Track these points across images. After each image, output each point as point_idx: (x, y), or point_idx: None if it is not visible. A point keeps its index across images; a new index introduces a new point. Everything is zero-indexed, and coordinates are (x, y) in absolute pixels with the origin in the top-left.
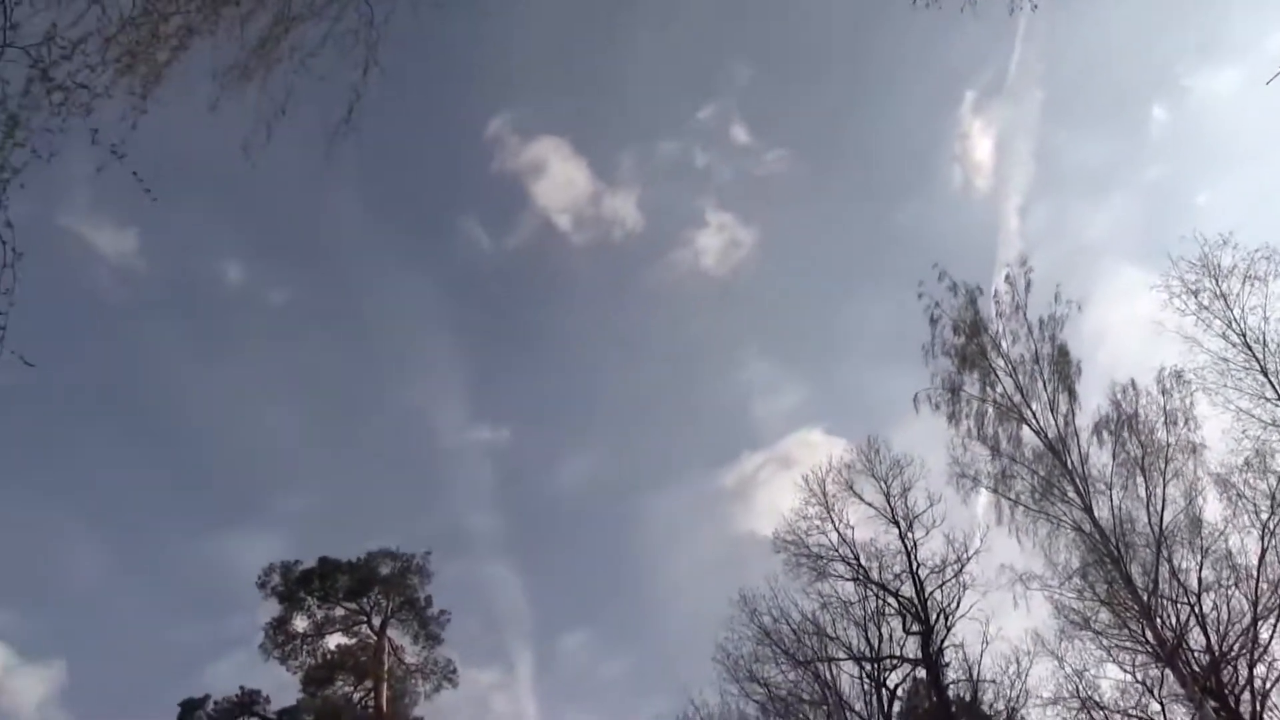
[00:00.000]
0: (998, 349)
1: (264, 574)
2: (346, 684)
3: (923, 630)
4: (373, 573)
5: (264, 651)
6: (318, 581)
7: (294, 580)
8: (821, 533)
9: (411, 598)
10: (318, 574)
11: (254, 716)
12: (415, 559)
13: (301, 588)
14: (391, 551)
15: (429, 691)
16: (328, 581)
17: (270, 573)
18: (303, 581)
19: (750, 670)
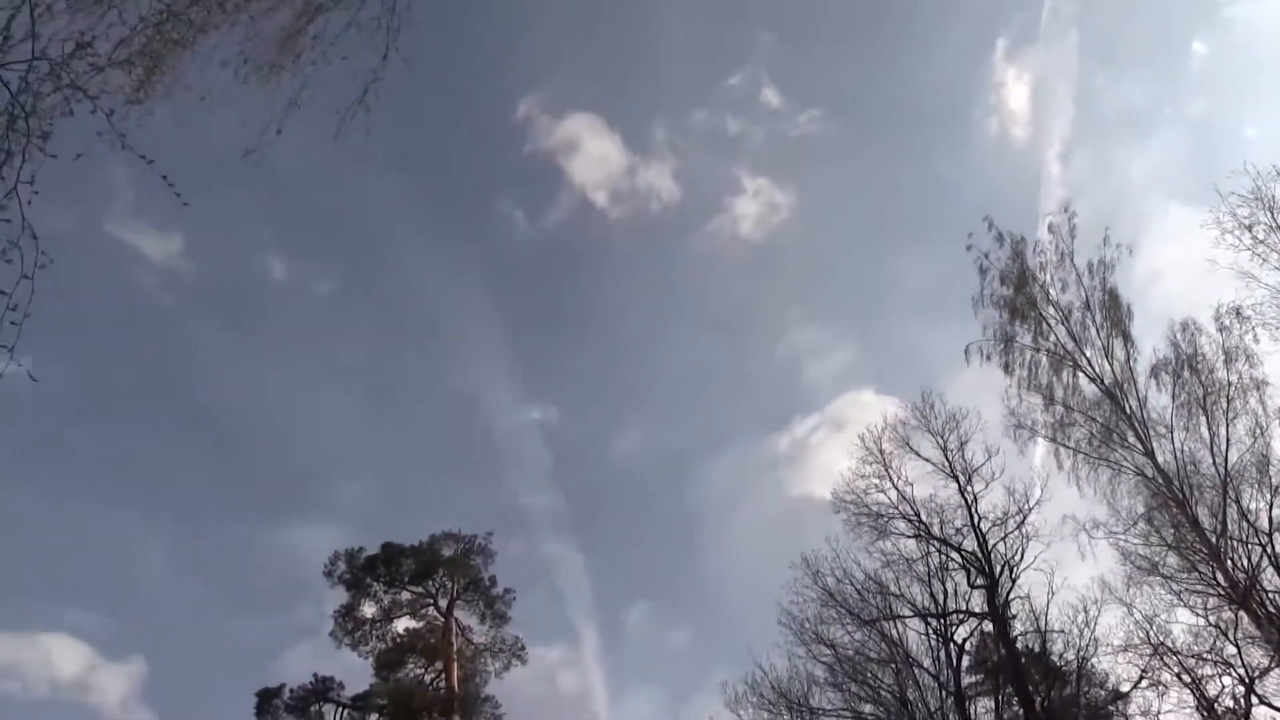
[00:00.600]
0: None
1: (330, 562)
2: (417, 666)
3: (987, 584)
4: (436, 555)
5: (334, 639)
6: (383, 567)
7: (359, 567)
8: (880, 491)
9: (476, 578)
10: (382, 560)
11: (329, 703)
12: (477, 540)
13: (367, 574)
14: (453, 534)
15: (499, 670)
16: (393, 566)
17: (336, 561)
18: (368, 568)
19: (816, 632)
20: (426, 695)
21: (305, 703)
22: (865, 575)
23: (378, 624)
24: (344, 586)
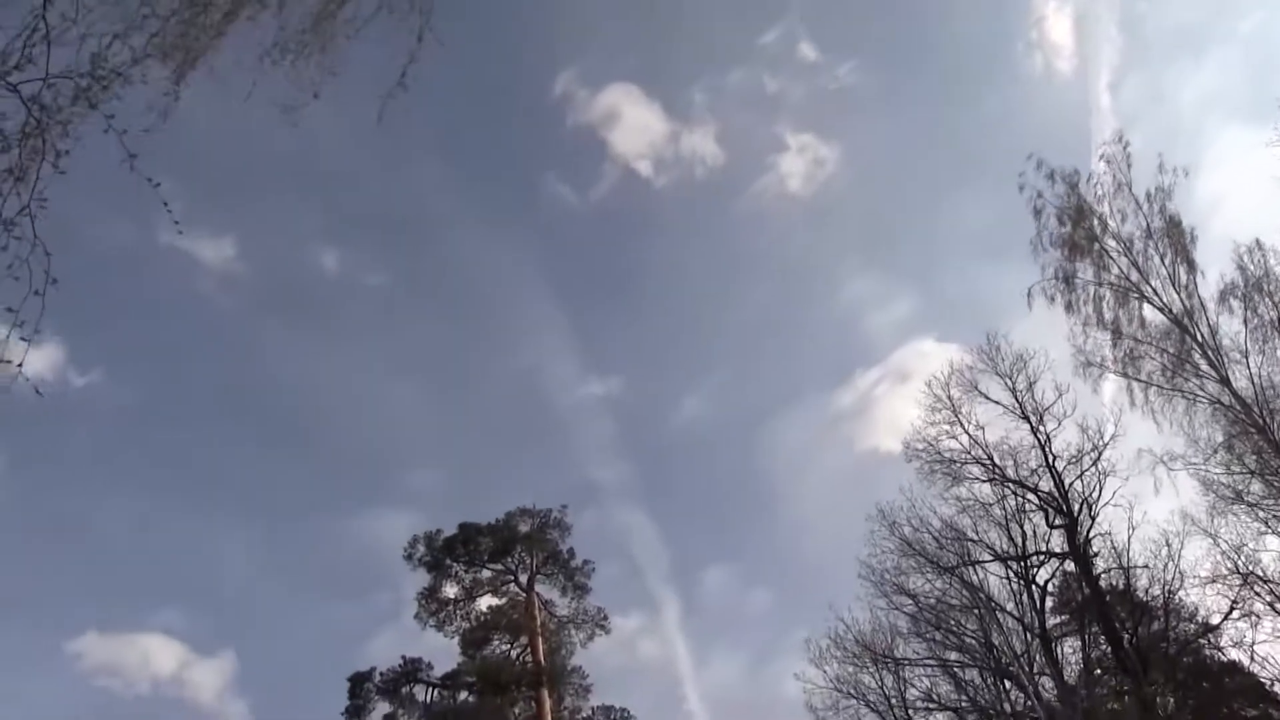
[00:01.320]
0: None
1: (409, 546)
2: (503, 642)
3: (1066, 523)
4: (513, 532)
5: (419, 620)
6: (461, 547)
7: (439, 548)
8: (952, 437)
9: (554, 551)
10: (460, 540)
11: (419, 683)
12: (553, 513)
13: (447, 555)
14: (529, 509)
15: (583, 641)
16: (471, 546)
17: (415, 544)
18: (447, 549)
19: (896, 583)
20: (514, 670)
21: (396, 685)
22: (942, 523)
23: (460, 603)
24: (425, 569)
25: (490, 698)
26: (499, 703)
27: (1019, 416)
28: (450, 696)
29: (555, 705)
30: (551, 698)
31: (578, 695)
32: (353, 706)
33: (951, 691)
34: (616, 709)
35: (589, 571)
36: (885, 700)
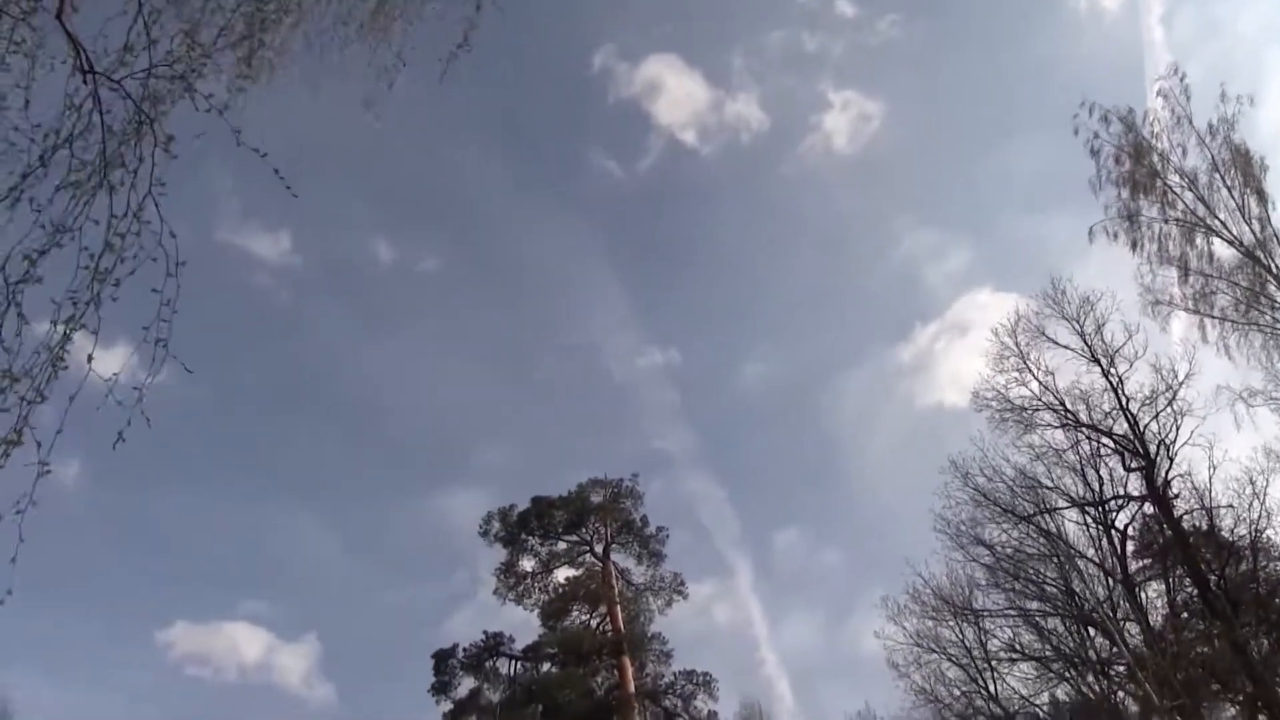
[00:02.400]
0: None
1: (484, 523)
2: (582, 613)
3: (1144, 465)
4: (586, 503)
5: (499, 596)
6: (535, 521)
7: (513, 524)
8: (1021, 384)
9: (627, 520)
10: (534, 514)
11: (502, 656)
12: (624, 483)
13: (521, 529)
14: (600, 480)
15: (661, 607)
16: (545, 519)
17: (490, 521)
18: (521, 523)
19: (972, 534)
20: (595, 639)
21: (479, 659)
22: (1015, 471)
23: (538, 576)
24: (500, 544)
25: (572, 668)
26: (581, 672)
27: (1089, 360)
28: (533, 668)
29: (637, 672)
30: (633, 665)
31: (659, 661)
32: (438, 683)
33: (1034, 641)
34: (698, 673)
35: (663, 538)
36: (967, 653)
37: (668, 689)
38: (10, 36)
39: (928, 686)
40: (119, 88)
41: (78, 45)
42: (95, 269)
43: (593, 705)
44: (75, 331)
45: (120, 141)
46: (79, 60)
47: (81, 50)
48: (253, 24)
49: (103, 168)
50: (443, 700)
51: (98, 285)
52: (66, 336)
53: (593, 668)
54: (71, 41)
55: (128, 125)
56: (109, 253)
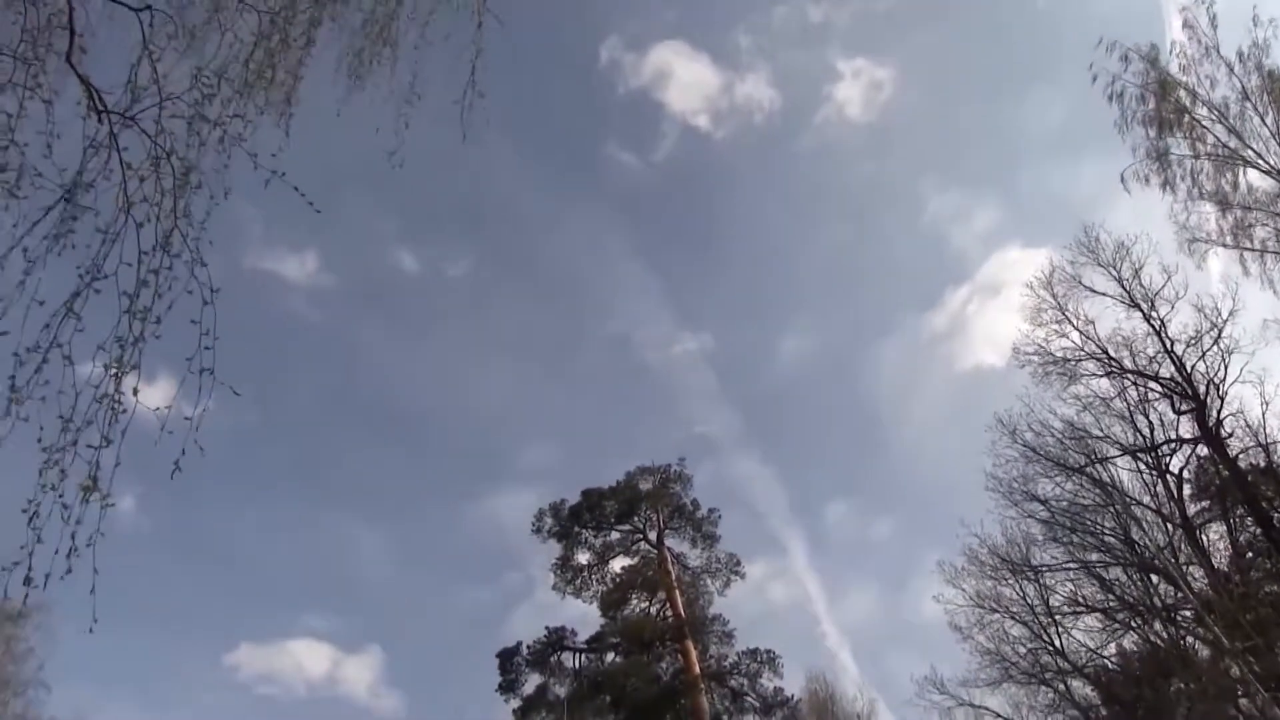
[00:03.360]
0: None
1: (536, 519)
2: (641, 600)
3: (1194, 407)
4: (635, 491)
5: (558, 590)
6: (587, 513)
7: (565, 518)
8: (1061, 335)
9: (678, 505)
10: (585, 506)
11: (565, 650)
12: (672, 468)
13: (574, 522)
14: (647, 467)
15: (719, 588)
16: (596, 511)
17: (542, 517)
18: (574, 517)
19: (1025, 490)
20: (656, 625)
21: (543, 655)
22: (1063, 424)
23: (594, 568)
24: (554, 539)
25: (636, 655)
26: (645, 659)
27: (1128, 305)
28: (597, 659)
29: (700, 655)
30: (696, 648)
31: (721, 643)
32: (505, 681)
33: (1096, 592)
34: (761, 651)
35: (715, 520)
36: (1029, 610)
37: (732, 669)
38: (25, 82)
39: (992, 646)
40: (133, 124)
41: (89, 86)
42: (133, 308)
43: (659, 691)
44: (126, 374)
45: (141, 177)
46: (92, 101)
47: (94, 91)
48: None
49: (126, 206)
50: (511, 698)
51: (139, 324)
52: (118, 379)
53: (656, 654)
54: (83, 83)
55: (146, 161)
56: (144, 289)
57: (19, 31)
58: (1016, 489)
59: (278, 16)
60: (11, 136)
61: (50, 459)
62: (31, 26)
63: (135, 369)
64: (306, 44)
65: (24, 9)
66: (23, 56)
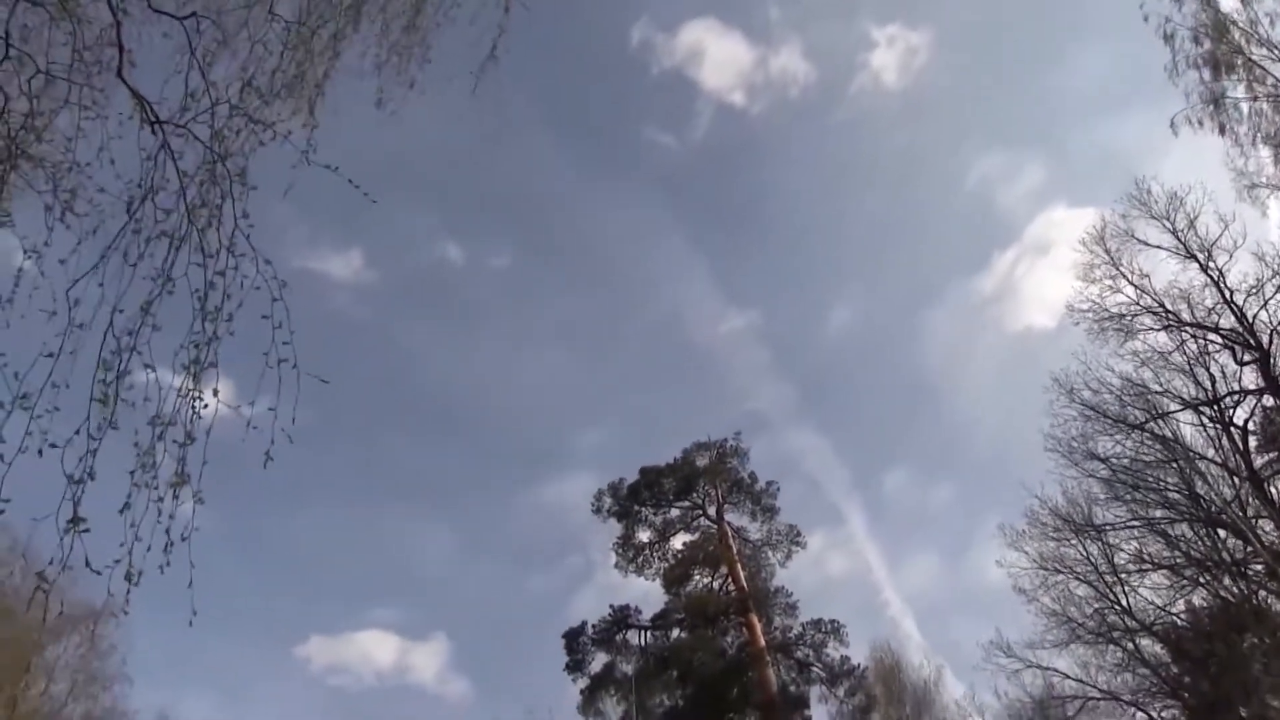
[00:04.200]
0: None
1: (596, 500)
2: (703, 575)
3: (1257, 357)
4: (693, 468)
5: (620, 569)
6: (646, 491)
7: (624, 497)
8: (1116, 291)
9: (736, 479)
10: (643, 484)
11: (631, 628)
12: (728, 442)
13: (633, 501)
14: (704, 443)
15: (780, 560)
16: (655, 489)
17: (601, 497)
18: (632, 495)
19: (1085, 449)
20: (719, 600)
21: (609, 634)
22: (1121, 380)
23: (655, 545)
24: (614, 519)
25: (701, 630)
26: (710, 634)
27: (1184, 256)
28: (663, 636)
29: (765, 627)
30: (760, 620)
31: (785, 614)
32: (572, 661)
33: (1162, 549)
34: (826, 621)
35: (774, 492)
36: (1094, 569)
37: (797, 640)
38: (80, 100)
39: (1058, 607)
40: (186, 131)
41: (141, 99)
42: (204, 309)
43: (725, 665)
44: (204, 372)
45: (201, 182)
46: (144, 113)
47: (145, 103)
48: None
49: (186, 212)
50: (578, 678)
51: (210, 324)
52: (197, 378)
53: (721, 628)
54: (135, 96)
55: (201, 167)
56: (213, 291)
57: (70, 52)
58: (1076, 448)
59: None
60: (73, 157)
61: (142, 460)
62: (81, 46)
63: (213, 367)
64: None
65: (74, 29)
66: (75, 78)
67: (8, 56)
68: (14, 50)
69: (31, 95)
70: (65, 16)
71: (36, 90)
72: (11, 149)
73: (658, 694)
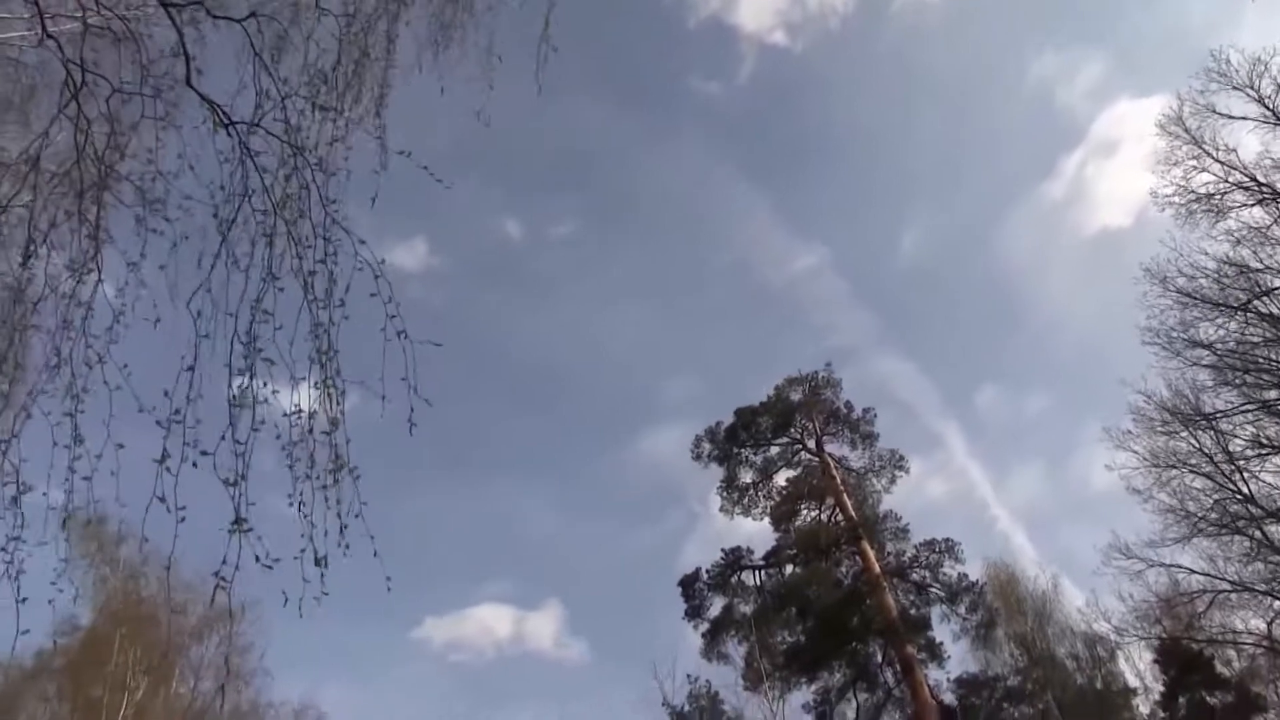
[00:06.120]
0: None
1: (694, 446)
2: (810, 509)
3: None
4: (787, 403)
5: (725, 512)
6: (743, 432)
7: (722, 440)
8: (1201, 170)
9: (833, 409)
10: (740, 425)
11: (745, 569)
12: (819, 374)
13: (732, 443)
14: (795, 377)
15: (885, 486)
16: (752, 428)
17: (699, 443)
18: (730, 437)
19: (1185, 338)
20: (830, 531)
21: (724, 577)
22: (1217, 262)
23: (759, 485)
24: (715, 463)
25: (815, 563)
26: (824, 566)
27: (1273, 124)
28: (777, 573)
29: (878, 553)
30: (873, 547)
31: (896, 539)
32: (690, 608)
33: None
34: (939, 541)
35: (871, 419)
36: (1209, 460)
37: (912, 563)
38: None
39: (1175, 503)
40: (260, 129)
41: (212, 104)
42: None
43: (843, 595)
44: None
45: (287, 176)
46: (217, 116)
47: (216, 107)
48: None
49: (274, 207)
50: (698, 623)
51: (324, 311)
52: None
53: (834, 559)
54: (205, 101)
55: (282, 162)
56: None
57: (138, 69)
58: (1176, 338)
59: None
60: (156, 168)
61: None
62: (147, 60)
63: (336, 353)
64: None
65: (139, 46)
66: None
67: (84, 83)
68: (89, 75)
69: (111, 116)
70: (130, 36)
71: (114, 110)
72: (102, 170)
73: (778, 631)
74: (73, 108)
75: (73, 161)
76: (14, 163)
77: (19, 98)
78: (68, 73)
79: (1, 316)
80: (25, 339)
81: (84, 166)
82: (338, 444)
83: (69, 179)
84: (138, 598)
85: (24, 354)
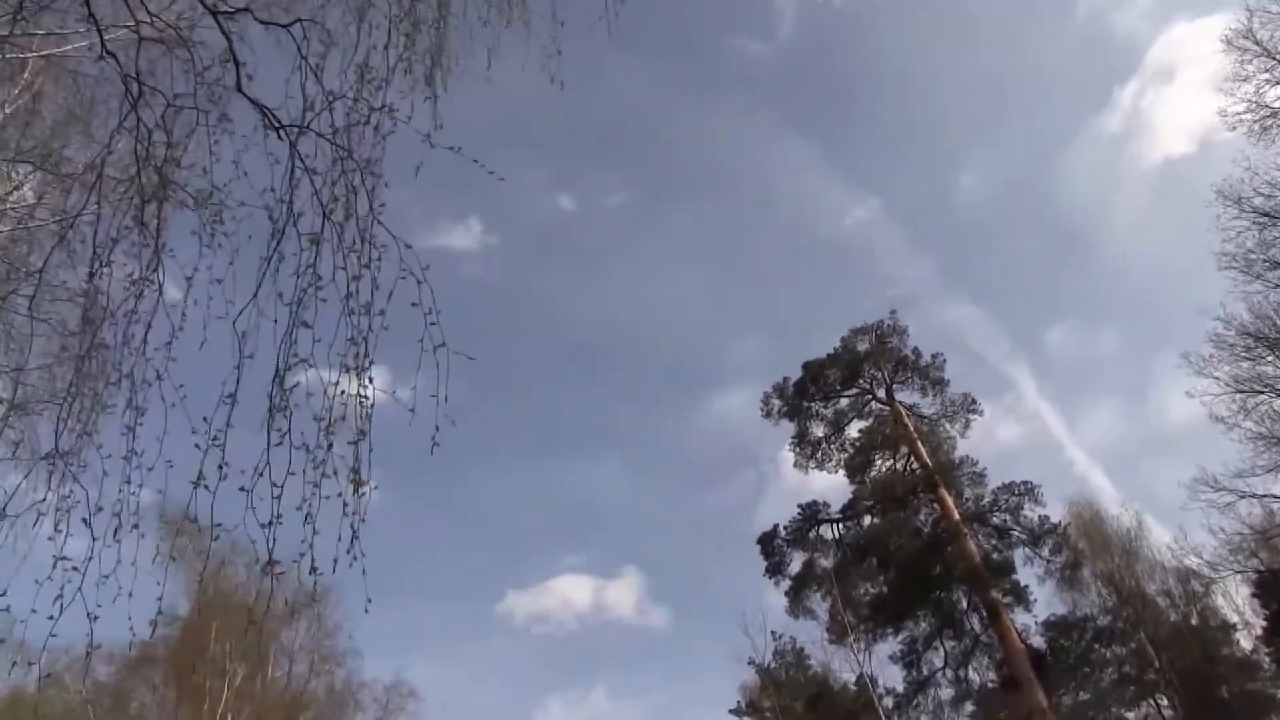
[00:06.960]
0: None
1: (764, 403)
2: (884, 459)
3: None
4: (855, 354)
5: (799, 467)
6: (812, 386)
7: (791, 395)
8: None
9: (900, 357)
10: (808, 379)
11: (822, 523)
12: (884, 322)
13: (801, 398)
14: (860, 328)
15: (960, 431)
16: (820, 381)
17: (769, 400)
18: (799, 392)
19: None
20: (906, 480)
21: (802, 532)
22: None
23: (831, 438)
24: (785, 419)
25: (893, 513)
26: (903, 515)
27: None
28: (855, 525)
29: (957, 500)
30: (950, 494)
31: (974, 484)
32: (770, 565)
33: None
34: (1018, 484)
35: (941, 364)
36: None
37: (991, 507)
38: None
39: (1264, 429)
40: (310, 131)
41: (263, 108)
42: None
43: (923, 543)
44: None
45: (333, 181)
46: (268, 121)
47: (267, 112)
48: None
49: (323, 210)
50: (780, 580)
51: (364, 318)
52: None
53: (912, 508)
54: (256, 107)
55: (332, 164)
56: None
57: (190, 78)
58: (1256, 259)
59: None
60: (211, 178)
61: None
62: (199, 69)
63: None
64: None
65: (190, 56)
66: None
67: (140, 95)
68: (144, 87)
69: (167, 127)
70: (182, 43)
71: (169, 121)
72: (161, 181)
73: (860, 583)
74: (132, 119)
75: (134, 171)
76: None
77: (81, 109)
78: (125, 86)
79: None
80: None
81: (145, 175)
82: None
83: (132, 187)
84: (230, 587)
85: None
